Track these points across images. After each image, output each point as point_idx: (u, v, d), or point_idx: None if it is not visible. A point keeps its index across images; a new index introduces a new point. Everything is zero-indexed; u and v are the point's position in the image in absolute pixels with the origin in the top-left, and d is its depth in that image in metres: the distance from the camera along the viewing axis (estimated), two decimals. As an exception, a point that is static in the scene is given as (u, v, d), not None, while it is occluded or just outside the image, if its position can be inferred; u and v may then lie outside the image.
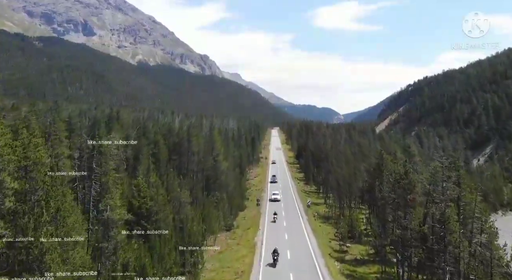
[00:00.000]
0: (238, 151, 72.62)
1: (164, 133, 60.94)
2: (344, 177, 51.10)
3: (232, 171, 62.06)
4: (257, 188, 72.09)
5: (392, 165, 38.21)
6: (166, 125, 67.80)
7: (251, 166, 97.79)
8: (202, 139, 54.43)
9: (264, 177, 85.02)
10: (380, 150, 48.18)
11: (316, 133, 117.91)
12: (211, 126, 64.63)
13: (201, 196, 49.68)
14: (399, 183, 30.32)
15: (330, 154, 67.99)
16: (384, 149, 53.98)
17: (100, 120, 67.22)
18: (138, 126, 62.43)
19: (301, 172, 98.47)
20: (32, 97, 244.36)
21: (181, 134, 52.83)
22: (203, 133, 67.66)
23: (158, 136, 51.74)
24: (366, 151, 69.26)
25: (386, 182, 35.35)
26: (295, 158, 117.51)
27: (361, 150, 69.36)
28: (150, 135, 52.63)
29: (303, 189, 74.38)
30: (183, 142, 51.92)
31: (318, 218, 51.38)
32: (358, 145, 77.26)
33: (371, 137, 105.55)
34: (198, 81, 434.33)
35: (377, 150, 50.22)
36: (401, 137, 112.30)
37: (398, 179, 30.59)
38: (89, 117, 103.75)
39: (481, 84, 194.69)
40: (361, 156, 65.19)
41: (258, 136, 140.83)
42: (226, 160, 57.88)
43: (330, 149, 73.80)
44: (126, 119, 74.11)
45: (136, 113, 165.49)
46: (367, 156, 65.49)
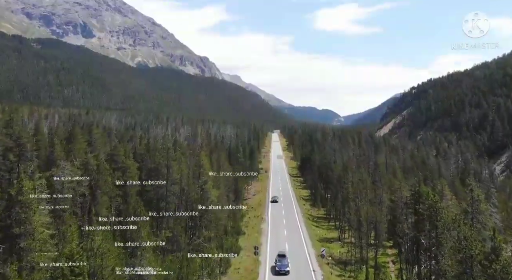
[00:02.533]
0: (234, 170, 60.39)
1: (141, 153, 48.83)
2: (367, 214, 38.94)
3: (225, 199, 49.92)
4: (255, 213, 59.89)
5: (452, 219, 25.99)
6: (147, 140, 55.73)
7: (250, 182, 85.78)
8: (186, 162, 42.41)
9: (264, 196, 72.86)
10: (417, 185, 35.92)
11: (321, 143, 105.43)
12: (200, 144, 52.65)
13: (184, 238, 37.87)
14: (484, 266, 18.25)
15: (343, 176, 55.68)
16: (414, 171, 41.77)
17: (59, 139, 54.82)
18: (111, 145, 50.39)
19: (305, 186, 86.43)
20: (27, 100, 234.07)
21: (158, 157, 40.82)
22: (190, 151, 55.43)
23: (128, 161, 39.76)
24: (389, 178, 57.06)
25: (448, 249, 23.27)
26: (298, 169, 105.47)
27: (380, 173, 57.20)
28: (119, 157, 40.57)
29: (310, 214, 62.18)
30: (161, 168, 40.03)
31: (333, 265, 39.31)
32: (376, 165, 64.92)
33: (385, 149, 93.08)
34: (198, 83, 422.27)
35: (412, 184, 37.88)
36: (427, 154, 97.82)
37: (483, 260, 18.50)
38: (66, 128, 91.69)
39: (490, 87, 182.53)
40: (383, 180, 53.16)
41: (257, 144, 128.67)
42: (216, 187, 45.72)
43: (341, 169, 61.46)
44: (100, 135, 61.80)
45: (129, 119, 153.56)
46: (390, 181, 53.69)
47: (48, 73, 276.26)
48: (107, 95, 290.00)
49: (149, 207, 38.54)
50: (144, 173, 41.77)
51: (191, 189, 41.13)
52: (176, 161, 42.10)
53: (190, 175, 41.75)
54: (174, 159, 41.19)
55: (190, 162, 45.87)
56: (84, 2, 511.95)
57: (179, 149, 51.22)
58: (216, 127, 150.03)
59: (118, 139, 70.90)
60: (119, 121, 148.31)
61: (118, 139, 71.16)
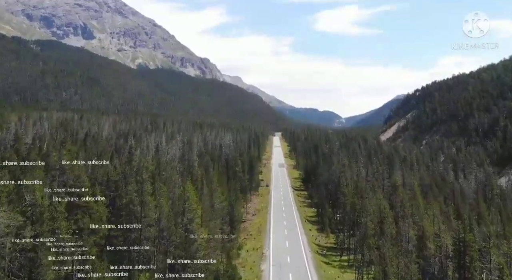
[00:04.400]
0: (229, 196, 51.13)
1: (116, 180, 39.50)
2: (397, 267, 29.78)
3: (219, 231, 40.73)
4: (255, 243, 50.68)
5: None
6: (129, 158, 46.55)
7: (249, 198, 76.72)
8: (168, 194, 32.99)
9: (265, 218, 63.67)
10: (462, 231, 26.67)
11: (327, 156, 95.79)
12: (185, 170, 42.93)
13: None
14: None
15: (358, 203, 46.34)
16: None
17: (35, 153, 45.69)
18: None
19: (310, 203, 77.15)
20: (24, 103, 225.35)
21: (131, 192, 31.52)
22: (178, 174, 45.87)
23: (92, 202, 30.60)
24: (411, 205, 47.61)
25: None
26: (302, 182, 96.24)
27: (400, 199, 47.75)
28: (82, 193, 31.42)
29: (318, 244, 52.89)
30: (133, 206, 30.89)
31: None
32: (393, 187, 55.35)
33: (400, 165, 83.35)
34: (199, 85, 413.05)
35: (455, 230, 28.63)
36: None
37: None
38: (52, 136, 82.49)
39: (500, 90, 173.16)
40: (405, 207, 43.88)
41: (258, 152, 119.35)
42: (205, 226, 36.49)
43: (354, 193, 52.06)
44: (76, 151, 52.47)
45: (123, 125, 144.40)
46: (412, 207, 44.48)
47: (46, 75, 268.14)
48: (106, 98, 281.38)
49: (116, 259, 29.45)
50: (114, 212, 32.60)
51: (172, 232, 31.92)
52: (154, 196, 32.91)
53: (172, 215, 32.53)
54: (151, 192, 32.04)
55: (174, 194, 36.71)
56: (84, 4, 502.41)
57: (163, 173, 42.06)
58: (215, 132, 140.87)
59: (97, 155, 61.50)
60: (113, 127, 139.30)
61: (97, 155, 61.75)
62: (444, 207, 58.51)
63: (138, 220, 31.40)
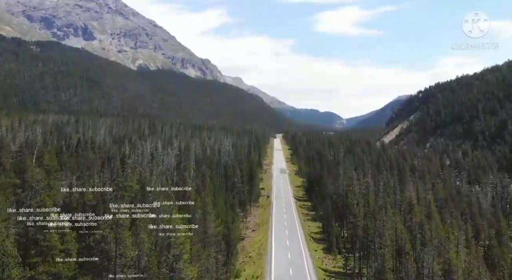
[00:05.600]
0: (226, 214, 45.41)
1: (93, 204, 33.77)
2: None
3: (212, 262, 34.99)
4: (255, 270, 44.93)
5: None
6: (115, 175, 40.85)
7: (249, 210, 71.00)
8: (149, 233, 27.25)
9: (266, 237, 57.86)
10: None
11: (332, 165, 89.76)
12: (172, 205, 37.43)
13: None
14: None
15: (372, 228, 40.49)
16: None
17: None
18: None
19: (314, 216, 71.28)
20: (23, 105, 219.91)
21: (103, 226, 25.77)
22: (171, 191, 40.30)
23: (53, 239, 24.91)
24: (430, 228, 41.79)
25: None
26: (305, 191, 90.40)
27: (418, 221, 41.95)
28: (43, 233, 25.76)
29: (326, 269, 47.05)
30: (105, 245, 25.22)
31: None
32: (410, 206, 49.41)
33: (412, 178, 77.18)
34: (199, 86, 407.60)
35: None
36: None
37: None
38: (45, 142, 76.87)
39: (506, 92, 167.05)
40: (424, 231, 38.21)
41: (258, 158, 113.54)
42: (196, 260, 30.75)
43: (365, 215, 46.13)
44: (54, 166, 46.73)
45: (121, 129, 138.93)
46: (431, 231, 38.79)
47: (45, 76, 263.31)
48: (105, 99, 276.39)
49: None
50: (84, 251, 26.90)
51: (154, 274, 26.20)
52: (134, 228, 27.19)
53: (155, 253, 26.83)
54: (129, 226, 26.38)
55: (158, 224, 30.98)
56: (85, 5, 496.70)
57: (149, 195, 36.51)
58: (214, 136, 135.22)
59: (86, 165, 55.83)
60: (109, 131, 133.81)
61: (87, 165, 56.10)
62: (462, 224, 52.78)
63: (112, 261, 25.67)
